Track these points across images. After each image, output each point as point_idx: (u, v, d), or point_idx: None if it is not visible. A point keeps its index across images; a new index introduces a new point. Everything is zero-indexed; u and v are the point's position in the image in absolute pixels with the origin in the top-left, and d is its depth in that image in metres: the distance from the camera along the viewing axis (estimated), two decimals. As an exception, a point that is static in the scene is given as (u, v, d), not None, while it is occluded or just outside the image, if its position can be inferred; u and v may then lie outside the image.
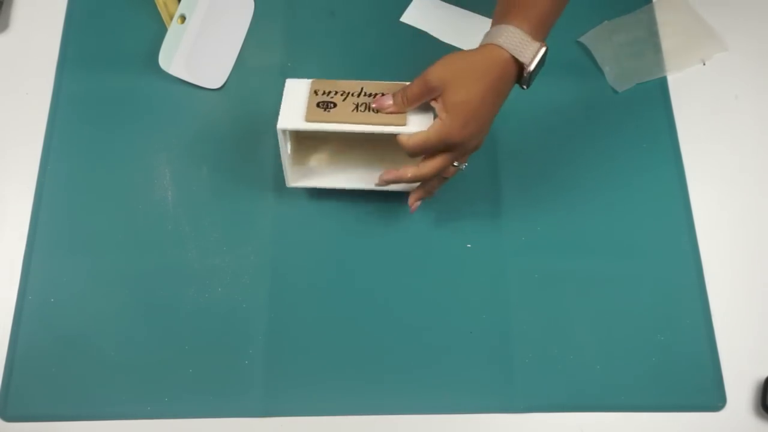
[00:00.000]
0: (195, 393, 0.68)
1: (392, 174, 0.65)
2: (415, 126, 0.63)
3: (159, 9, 0.81)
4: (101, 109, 0.78)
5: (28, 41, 0.82)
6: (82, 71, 0.80)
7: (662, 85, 0.81)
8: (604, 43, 0.82)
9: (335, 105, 0.65)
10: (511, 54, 0.60)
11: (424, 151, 0.62)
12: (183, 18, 0.79)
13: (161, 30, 0.80)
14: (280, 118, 0.65)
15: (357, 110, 0.64)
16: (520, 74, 0.61)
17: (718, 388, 0.69)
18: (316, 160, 0.73)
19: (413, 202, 0.68)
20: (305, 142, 0.73)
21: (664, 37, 0.83)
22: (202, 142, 0.78)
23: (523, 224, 0.74)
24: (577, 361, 0.70)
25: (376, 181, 0.67)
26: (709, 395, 0.69)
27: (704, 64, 0.83)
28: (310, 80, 0.67)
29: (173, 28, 0.78)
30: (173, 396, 0.68)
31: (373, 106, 0.64)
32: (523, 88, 0.63)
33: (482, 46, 0.61)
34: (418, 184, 0.67)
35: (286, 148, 0.67)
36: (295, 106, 0.65)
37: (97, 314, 0.70)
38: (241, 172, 0.76)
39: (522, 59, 0.60)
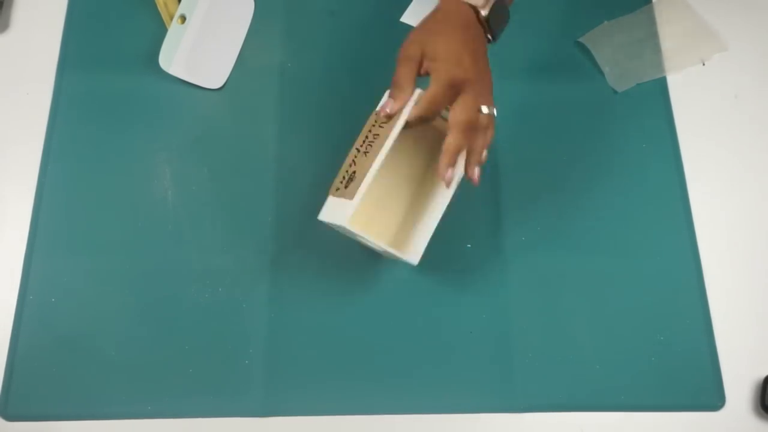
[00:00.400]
0: (195, 393, 0.68)
1: (444, 161, 0.60)
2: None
3: (159, 9, 0.81)
4: (101, 109, 0.79)
5: (28, 41, 0.82)
6: (82, 71, 0.80)
7: (662, 85, 0.81)
8: (604, 43, 0.82)
9: (355, 172, 0.62)
10: (463, 1, 0.61)
11: (437, 104, 0.60)
12: (183, 18, 0.79)
13: (161, 30, 0.80)
14: (345, 219, 0.60)
15: (366, 153, 0.62)
16: (482, 21, 0.62)
17: (718, 387, 0.69)
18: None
19: (444, 170, 0.61)
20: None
21: (664, 37, 0.83)
22: (202, 142, 0.78)
23: (523, 224, 0.75)
24: (577, 360, 0.70)
25: (444, 182, 0.62)
26: (708, 395, 0.69)
27: (704, 64, 0.83)
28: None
29: (173, 28, 0.78)
30: (173, 395, 0.68)
31: (381, 114, 0.62)
32: (489, 39, 0.64)
33: (438, 4, 0.63)
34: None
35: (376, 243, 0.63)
36: (337, 205, 0.63)
37: (98, 314, 0.70)
38: (241, 172, 0.76)
39: (474, 2, 0.61)
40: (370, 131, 0.64)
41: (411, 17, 0.84)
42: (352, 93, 0.78)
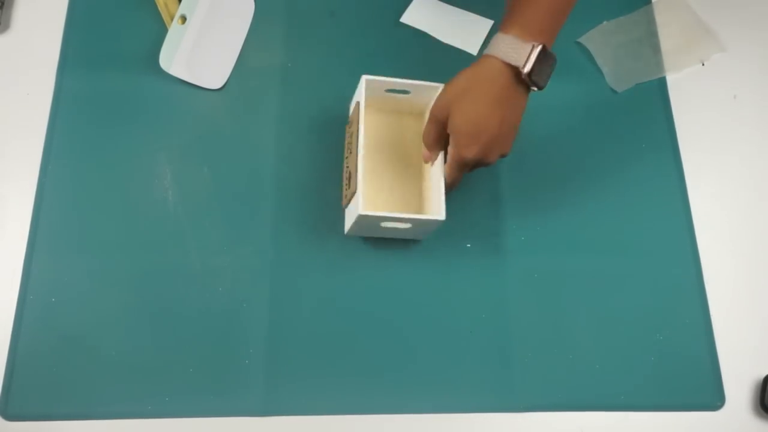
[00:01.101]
0: (196, 392, 0.68)
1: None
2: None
3: (160, 9, 0.81)
4: (102, 109, 0.79)
5: (28, 41, 0.82)
6: (82, 71, 0.80)
7: (661, 85, 0.82)
8: (604, 43, 0.82)
9: (350, 171, 0.70)
10: (503, 61, 0.59)
11: (452, 176, 0.66)
12: (183, 18, 0.79)
13: (162, 30, 0.80)
14: (360, 208, 0.65)
15: (350, 153, 0.70)
16: (525, 79, 0.61)
17: (717, 387, 0.69)
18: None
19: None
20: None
21: (663, 37, 0.83)
22: (202, 142, 0.78)
23: (523, 224, 0.75)
24: (576, 360, 0.70)
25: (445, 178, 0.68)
26: (707, 394, 0.69)
27: (703, 65, 0.83)
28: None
29: (174, 28, 0.78)
30: (174, 395, 0.68)
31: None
32: (540, 89, 0.62)
33: (480, 59, 0.61)
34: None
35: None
36: (350, 208, 0.69)
37: (98, 314, 0.70)
38: (241, 172, 0.76)
39: (515, 63, 0.59)
40: (347, 140, 0.72)
41: (411, 17, 0.84)
42: (352, 93, 0.78)
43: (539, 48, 0.59)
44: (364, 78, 0.70)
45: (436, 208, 0.67)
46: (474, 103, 0.60)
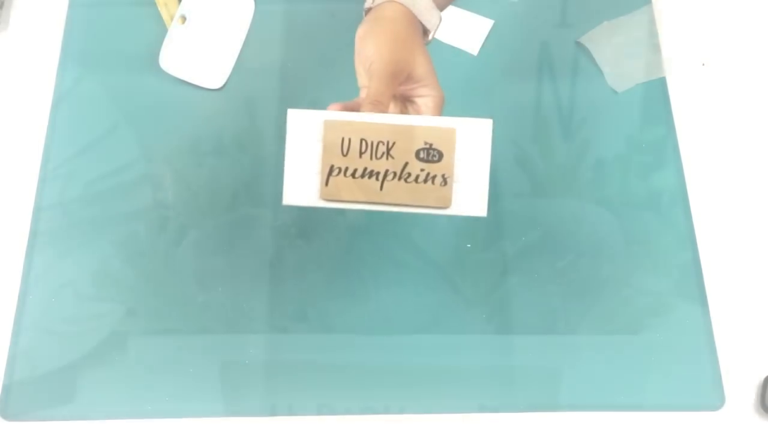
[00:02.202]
0: (195, 392, 0.68)
1: None
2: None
3: (159, 9, 0.81)
4: (102, 109, 0.79)
5: (28, 41, 0.82)
6: (82, 71, 0.80)
7: (662, 85, 0.82)
8: (604, 43, 0.82)
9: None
10: (415, 16, 0.59)
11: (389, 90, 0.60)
12: (183, 18, 0.79)
13: (162, 30, 0.80)
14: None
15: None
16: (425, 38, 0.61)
17: (717, 387, 0.69)
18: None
19: None
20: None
21: (664, 37, 0.83)
22: (202, 142, 0.78)
23: (523, 224, 0.75)
24: (576, 360, 0.70)
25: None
26: (707, 394, 0.69)
27: (703, 65, 0.83)
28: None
29: (174, 28, 0.78)
30: (174, 395, 0.68)
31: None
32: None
33: (384, 5, 0.61)
34: None
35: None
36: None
37: (98, 314, 0.70)
38: (241, 172, 0.76)
39: (427, 26, 0.60)
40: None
41: (411, 17, 0.84)
42: (352, 93, 0.78)
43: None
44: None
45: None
46: (423, 50, 0.59)
